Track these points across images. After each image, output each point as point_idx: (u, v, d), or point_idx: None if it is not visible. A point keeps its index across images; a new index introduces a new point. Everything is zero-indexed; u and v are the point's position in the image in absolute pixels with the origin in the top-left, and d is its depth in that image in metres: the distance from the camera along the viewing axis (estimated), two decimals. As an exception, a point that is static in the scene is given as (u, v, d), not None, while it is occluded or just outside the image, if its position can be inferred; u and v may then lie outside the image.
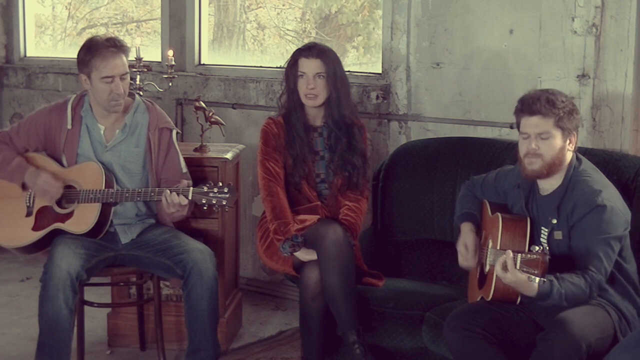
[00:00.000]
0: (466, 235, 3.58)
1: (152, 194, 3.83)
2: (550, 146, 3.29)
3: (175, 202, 3.76)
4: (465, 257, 3.55)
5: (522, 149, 3.36)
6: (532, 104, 3.31)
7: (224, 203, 3.74)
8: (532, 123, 3.31)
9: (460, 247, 3.57)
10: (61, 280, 3.68)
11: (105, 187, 3.86)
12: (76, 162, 3.95)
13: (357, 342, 3.70)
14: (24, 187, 3.96)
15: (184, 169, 4.04)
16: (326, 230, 3.77)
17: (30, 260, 5.08)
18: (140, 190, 3.86)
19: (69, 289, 3.70)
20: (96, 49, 3.87)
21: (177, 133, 4.11)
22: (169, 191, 3.77)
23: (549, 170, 3.33)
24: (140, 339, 4.47)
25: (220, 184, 3.77)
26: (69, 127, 3.96)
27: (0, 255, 5.48)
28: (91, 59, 3.87)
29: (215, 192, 3.74)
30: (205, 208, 3.77)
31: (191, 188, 3.78)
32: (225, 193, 3.74)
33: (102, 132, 3.99)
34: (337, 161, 4.01)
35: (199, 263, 3.83)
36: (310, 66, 3.95)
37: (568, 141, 3.33)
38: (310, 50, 3.98)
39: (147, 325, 4.43)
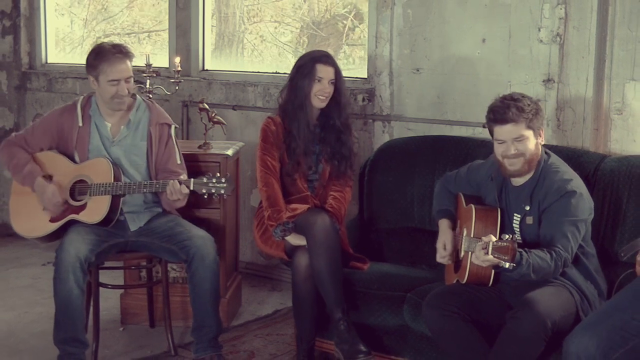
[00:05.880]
0: (445, 234, 3.55)
1: (157, 186, 3.82)
2: (526, 145, 3.28)
3: (177, 189, 3.74)
4: (442, 255, 3.53)
5: (499, 153, 3.34)
6: (503, 113, 3.28)
7: (222, 192, 3.73)
8: (506, 130, 3.28)
9: (439, 246, 3.54)
10: (70, 264, 3.68)
11: (114, 181, 3.83)
12: (88, 157, 3.92)
13: (342, 319, 3.69)
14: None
15: (179, 161, 4.02)
16: (315, 218, 3.75)
17: (50, 246, 5.04)
18: (146, 183, 3.84)
19: (79, 271, 3.69)
20: (104, 55, 3.86)
21: (175, 128, 4.08)
22: (171, 181, 3.75)
23: (529, 165, 3.32)
24: (150, 317, 4.46)
25: (218, 175, 3.77)
26: (80, 124, 3.93)
27: (23, 241, 5.43)
28: (99, 63, 3.85)
29: (214, 182, 3.73)
30: (205, 197, 3.75)
31: (192, 179, 3.77)
32: (223, 183, 3.73)
33: (108, 128, 3.97)
34: (328, 151, 4.00)
35: (201, 248, 3.82)
36: (327, 72, 3.91)
37: (539, 136, 3.33)
38: (327, 57, 3.96)
39: (156, 304, 4.42)
